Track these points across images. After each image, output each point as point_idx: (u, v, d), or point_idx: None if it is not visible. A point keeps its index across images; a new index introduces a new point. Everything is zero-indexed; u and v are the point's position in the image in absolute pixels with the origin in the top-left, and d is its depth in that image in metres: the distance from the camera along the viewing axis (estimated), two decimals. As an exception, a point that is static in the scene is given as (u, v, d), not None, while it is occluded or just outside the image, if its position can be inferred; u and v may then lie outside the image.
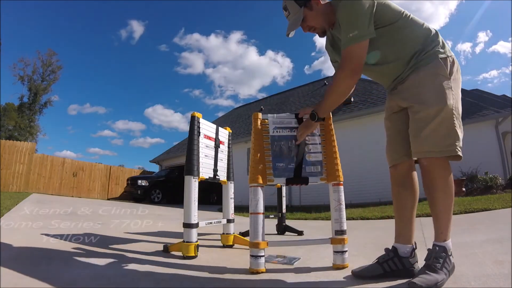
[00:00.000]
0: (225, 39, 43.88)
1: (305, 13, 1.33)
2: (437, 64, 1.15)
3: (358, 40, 1.15)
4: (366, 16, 1.15)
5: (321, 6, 1.32)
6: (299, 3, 1.34)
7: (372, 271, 1.22)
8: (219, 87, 48.04)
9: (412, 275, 1.15)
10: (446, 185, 1.13)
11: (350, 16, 1.18)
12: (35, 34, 33.67)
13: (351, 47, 1.17)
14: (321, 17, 1.32)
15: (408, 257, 1.23)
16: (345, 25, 1.20)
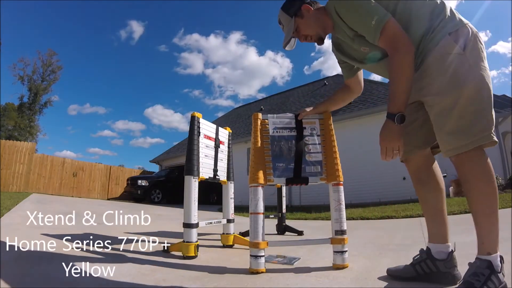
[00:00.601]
0: (224, 40, 43.90)
1: (297, 22, 1.30)
2: (446, 42, 1.01)
3: (383, 21, 1.04)
4: (373, 5, 1.08)
5: (313, 13, 1.29)
6: (289, 13, 1.31)
7: (404, 273, 1.18)
8: (218, 87, 48.02)
9: (447, 280, 1.09)
10: (481, 181, 0.97)
11: (357, 11, 1.11)
12: (35, 34, 33.69)
13: (382, 31, 1.05)
14: (314, 24, 1.28)
15: (443, 259, 1.11)
16: (359, 24, 1.11)
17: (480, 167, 0.98)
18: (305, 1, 1.31)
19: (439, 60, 1.01)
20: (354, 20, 1.13)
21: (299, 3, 1.31)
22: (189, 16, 42.09)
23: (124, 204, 7.81)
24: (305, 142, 1.49)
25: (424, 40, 1.06)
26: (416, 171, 1.20)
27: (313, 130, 1.52)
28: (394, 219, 3.66)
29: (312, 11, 1.29)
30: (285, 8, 1.35)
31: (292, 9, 1.31)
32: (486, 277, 0.91)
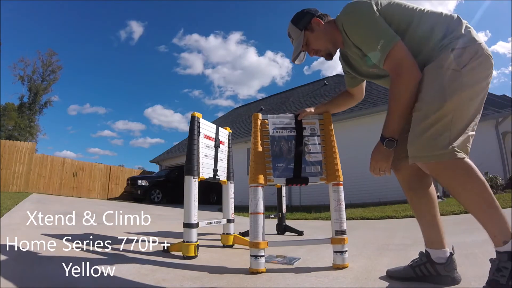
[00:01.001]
0: (224, 40, 43.81)
1: (307, 36, 1.27)
2: (445, 56, 0.99)
3: (389, 45, 1.03)
4: (380, 27, 1.06)
5: (323, 27, 1.25)
6: (299, 27, 1.29)
7: (404, 274, 1.18)
8: (218, 87, 47.95)
9: (447, 282, 1.08)
10: (465, 183, 0.95)
11: (363, 33, 1.09)
12: (35, 34, 33.68)
13: (387, 56, 1.04)
14: (324, 38, 1.25)
15: (443, 263, 1.10)
16: (365, 46, 1.10)
17: (459, 171, 0.96)
18: (316, 14, 1.28)
19: (433, 71, 1.01)
20: (360, 41, 1.12)
21: (309, 17, 1.28)
22: (189, 16, 42.08)
23: (124, 204, 7.82)
24: (305, 142, 1.49)
25: (433, 53, 1.04)
26: (408, 179, 1.18)
27: (313, 130, 1.52)
28: (394, 219, 3.67)
29: (323, 25, 1.26)
30: (294, 21, 1.32)
31: (302, 22, 1.29)
32: (510, 270, 0.85)
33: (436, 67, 1.00)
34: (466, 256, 1.42)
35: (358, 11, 1.11)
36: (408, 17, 1.09)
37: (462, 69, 0.97)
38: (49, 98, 26.04)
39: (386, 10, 1.10)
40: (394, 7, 1.11)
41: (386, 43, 1.03)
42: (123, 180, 12.62)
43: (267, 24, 44.26)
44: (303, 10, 1.33)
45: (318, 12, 1.31)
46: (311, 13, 1.29)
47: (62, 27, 35.32)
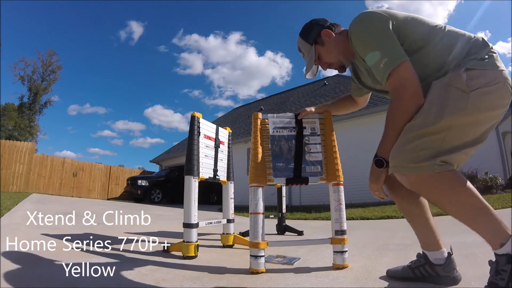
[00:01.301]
0: (224, 40, 43.77)
1: (318, 50, 1.22)
2: (455, 75, 0.93)
3: (393, 65, 0.96)
4: (388, 43, 0.99)
5: (334, 39, 1.18)
6: (309, 41, 1.22)
7: (403, 274, 1.18)
8: (218, 87, 47.97)
9: (447, 282, 1.08)
10: (450, 195, 0.92)
11: (368, 47, 1.02)
12: (35, 34, 33.68)
13: (390, 75, 0.97)
14: (335, 50, 1.18)
15: (442, 264, 1.09)
16: (369, 61, 1.03)
17: (441, 186, 0.91)
18: (325, 26, 1.21)
19: (440, 86, 0.95)
20: (364, 54, 1.05)
21: (318, 29, 1.21)
22: (189, 17, 42.07)
23: (124, 204, 7.82)
24: (305, 142, 1.49)
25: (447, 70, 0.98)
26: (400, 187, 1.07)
27: (313, 130, 1.52)
28: (394, 219, 3.66)
29: (333, 36, 1.19)
30: (303, 35, 1.25)
31: (311, 36, 1.22)
32: (509, 273, 0.83)
33: (444, 83, 0.94)
34: (466, 256, 1.42)
35: (368, 22, 1.05)
36: (426, 35, 1.02)
37: (472, 92, 0.90)
38: (49, 98, 26.07)
39: (401, 25, 1.02)
40: (411, 23, 1.03)
41: (390, 61, 0.97)
42: (123, 180, 12.62)
43: (267, 24, 44.26)
44: (311, 22, 1.26)
45: (327, 22, 1.23)
46: (320, 24, 1.22)
47: (62, 27, 35.37)
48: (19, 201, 4.89)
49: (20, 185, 9.47)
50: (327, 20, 1.24)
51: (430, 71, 0.99)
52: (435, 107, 0.93)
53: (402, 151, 0.94)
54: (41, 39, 34.70)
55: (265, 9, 41.51)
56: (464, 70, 0.92)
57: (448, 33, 1.02)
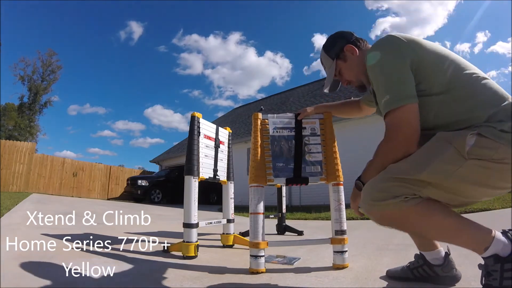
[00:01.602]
0: (224, 40, 43.77)
1: (340, 66, 1.16)
2: (462, 134, 0.83)
3: (396, 104, 0.89)
4: (398, 81, 0.91)
5: (356, 56, 1.12)
6: (331, 55, 1.17)
7: (403, 275, 1.18)
8: (218, 87, 47.93)
9: (447, 282, 1.08)
10: (417, 230, 0.93)
11: (378, 79, 0.96)
12: (35, 34, 33.70)
13: (391, 112, 0.91)
14: (356, 69, 1.12)
15: (440, 265, 1.09)
16: (376, 88, 0.97)
17: (409, 220, 0.89)
18: (350, 40, 1.14)
19: (440, 139, 0.87)
20: (373, 85, 0.99)
21: (341, 43, 1.15)
22: (188, 17, 42.07)
23: (124, 204, 7.82)
24: (305, 142, 1.49)
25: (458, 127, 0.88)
26: None
27: (313, 130, 1.52)
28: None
29: (357, 53, 1.12)
30: (326, 48, 1.20)
31: (334, 50, 1.16)
32: (500, 272, 0.82)
33: (447, 138, 0.86)
34: (466, 256, 1.42)
35: (384, 52, 0.96)
36: (449, 82, 0.90)
37: (470, 160, 0.82)
38: (49, 98, 26.07)
39: (423, 62, 0.92)
40: (435, 63, 0.92)
41: (392, 100, 0.90)
42: (123, 180, 12.63)
43: (267, 25, 44.27)
44: (335, 35, 1.19)
45: (352, 36, 1.16)
46: (345, 39, 1.15)
47: (62, 27, 35.39)
48: (19, 201, 4.89)
49: (20, 185, 9.47)
50: (353, 34, 1.17)
51: (441, 123, 0.91)
52: (423, 158, 0.87)
53: (373, 188, 0.91)
54: (41, 39, 34.81)
55: (264, 9, 41.54)
56: (474, 134, 0.83)
57: (479, 86, 0.90)
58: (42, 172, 10.37)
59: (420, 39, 0.97)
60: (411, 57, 0.92)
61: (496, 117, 0.85)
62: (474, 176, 0.83)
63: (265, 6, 41.27)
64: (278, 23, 43.07)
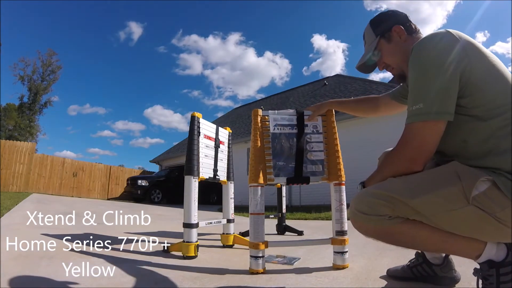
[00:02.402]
0: (223, 41, 43.80)
1: (382, 45, 1.03)
2: (474, 176, 0.76)
3: (422, 117, 0.80)
4: (439, 89, 0.78)
5: (404, 40, 1.00)
6: (376, 31, 1.05)
7: (402, 274, 1.18)
8: (217, 88, 48.00)
9: (446, 283, 1.07)
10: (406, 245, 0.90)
11: (416, 80, 0.84)
12: (35, 34, 33.71)
13: (413, 124, 0.82)
14: (399, 54, 0.99)
15: (439, 264, 1.08)
16: (410, 90, 0.86)
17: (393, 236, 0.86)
18: (400, 22, 1.02)
19: (450, 171, 0.81)
20: (410, 84, 0.88)
21: (391, 22, 1.03)
22: (188, 17, 42.13)
23: (124, 204, 7.81)
24: (306, 140, 1.47)
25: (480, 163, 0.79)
26: None
27: (315, 128, 1.50)
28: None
29: (405, 36, 1.00)
30: (373, 23, 1.08)
31: (381, 27, 1.04)
32: (495, 276, 0.81)
33: (456, 172, 0.79)
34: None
35: (436, 46, 0.82)
36: (496, 108, 0.78)
37: (472, 205, 0.76)
38: (49, 98, 26.08)
39: (475, 75, 0.79)
40: (490, 82, 0.80)
41: (424, 111, 0.79)
42: (123, 180, 12.62)
43: (266, 25, 44.33)
44: (387, 12, 1.08)
45: (406, 19, 1.03)
46: (396, 18, 1.04)
47: (62, 28, 35.48)
48: (19, 201, 4.89)
49: (20, 185, 9.46)
50: (408, 17, 1.04)
51: (465, 152, 0.83)
52: (423, 184, 0.81)
53: (361, 199, 0.88)
54: (41, 39, 34.83)
55: (264, 10, 41.55)
56: (489, 180, 0.75)
57: None
58: (42, 172, 10.36)
59: (480, 45, 0.83)
60: (464, 65, 0.79)
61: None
62: (469, 222, 0.78)
63: (265, 6, 41.31)
64: (278, 23, 43.15)
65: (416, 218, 0.82)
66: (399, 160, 0.87)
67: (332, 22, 44.40)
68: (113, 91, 42.07)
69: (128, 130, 50.85)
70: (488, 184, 0.75)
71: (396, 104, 1.26)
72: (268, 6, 41.69)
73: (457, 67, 0.78)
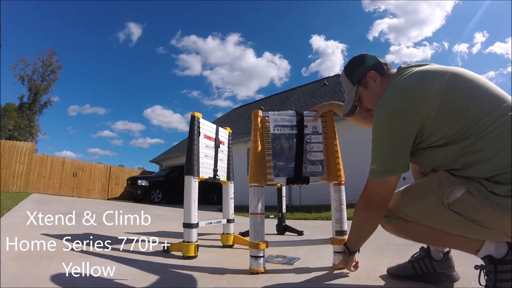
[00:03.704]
0: (222, 41, 43.73)
1: (360, 92, 1.10)
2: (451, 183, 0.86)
3: (375, 176, 0.94)
4: (391, 150, 0.90)
5: (379, 83, 1.06)
6: (352, 80, 1.11)
7: (404, 271, 1.18)
8: (217, 88, 47.91)
9: (443, 281, 1.09)
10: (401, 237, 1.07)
11: (373, 142, 0.95)
12: (35, 34, 33.72)
13: (369, 181, 0.98)
14: (378, 97, 1.02)
15: (439, 260, 1.10)
16: (372, 141, 0.96)
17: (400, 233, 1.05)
18: (374, 67, 1.07)
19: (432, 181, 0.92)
20: (372, 136, 0.97)
21: (364, 70, 1.08)
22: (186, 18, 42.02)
23: (124, 204, 7.81)
24: (306, 141, 1.48)
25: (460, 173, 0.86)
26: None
27: (315, 129, 1.51)
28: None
29: (379, 80, 1.06)
30: (347, 71, 1.14)
31: (355, 75, 1.10)
32: (493, 272, 0.85)
33: (439, 182, 0.89)
34: (467, 256, 1.41)
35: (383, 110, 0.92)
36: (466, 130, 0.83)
37: (450, 210, 0.86)
38: (49, 98, 26.07)
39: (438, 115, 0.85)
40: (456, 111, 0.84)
41: (377, 171, 0.93)
42: (123, 180, 12.62)
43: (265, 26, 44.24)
44: (359, 58, 1.12)
45: (377, 62, 1.09)
46: (369, 65, 1.09)
47: (62, 28, 35.47)
48: (19, 201, 4.89)
49: (20, 185, 9.46)
50: (378, 59, 1.10)
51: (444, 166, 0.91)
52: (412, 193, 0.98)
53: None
54: (41, 39, 34.80)
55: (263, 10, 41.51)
56: (463, 188, 0.84)
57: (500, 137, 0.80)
58: (42, 172, 10.36)
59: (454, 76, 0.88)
60: (423, 115, 0.85)
61: (500, 178, 0.78)
62: (451, 224, 0.89)
63: (263, 7, 41.26)
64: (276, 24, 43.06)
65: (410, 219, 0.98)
66: (358, 210, 1.04)
67: (331, 22, 44.31)
68: (113, 91, 42.08)
69: (128, 130, 50.83)
70: (463, 190, 0.84)
71: None
72: (266, 7, 41.64)
73: (411, 121, 0.86)
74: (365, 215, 1.03)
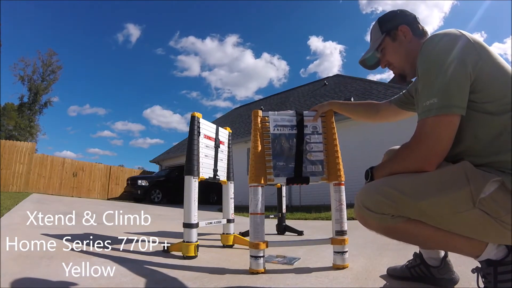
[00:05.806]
0: (220, 42, 43.84)
1: (386, 43, 1.04)
2: (483, 177, 0.75)
3: (437, 112, 0.78)
4: (452, 83, 0.77)
5: (409, 40, 1.00)
6: (382, 28, 1.05)
7: (401, 273, 1.18)
8: (216, 89, 48.03)
9: (443, 284, 1.07)
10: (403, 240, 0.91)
11: (429, 75, 0.82)
12: (35, 34, 33.75)
13: (427, 119, 0.80)
14: (403, 54, 0.99)
15: (437, 266, 1.08)
16: (422, 86, 0.85)
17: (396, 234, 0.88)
18: (407, 22, 1.02)
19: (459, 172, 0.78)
20: (420, 80, 0.86)
21: (397, 21, 1.02)
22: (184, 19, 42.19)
23: (124, 204, 7.81)
24: (306, 141, 1.48)
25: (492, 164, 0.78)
26: None
27: (314, 129, 1.51)
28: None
29: (410, 37, 1.00)
30: (381, 21, 1.08)
31: (387, 25, 1.04)
32: (493, 275, 0.82)
33: (466, 173, 0.77)
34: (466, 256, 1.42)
35: (447, 44, 0.82)
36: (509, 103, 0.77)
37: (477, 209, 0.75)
38: (49, 98, 26.06)
39: (489, 66, 0.80)
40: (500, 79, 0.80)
41: (438, 105, 0.78)
42: (123, 180, 12.62)
43: (263, 27, 44.40)
44: (396, 11, 1.07)
45: (414, 20, 1.03)
46: (403, 18, 1.03)
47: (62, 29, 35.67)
48: (19, 201, 4.89)
49: (20, 185, 9.46)
50: (417, 20, 1.03)
51: (475, 150, 0.81)
52: (432, 185, 0.79)
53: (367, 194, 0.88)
54: (41, 39, 34.84)
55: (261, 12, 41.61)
56: (498, 181, 0.74)
57: None
58: (42, 172, 10.36)
59: (487, 45, 0.83)
60: (475, 60, 0.79)
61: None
62: (472, 224, 0.78)
63: (262, 8, 41.39)
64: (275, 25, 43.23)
65: (419, 219, 0.82)
66: (412, 159, 0.84)
67: (329, 24, 44.50)
68: (113, 92, 42.21)
69: (127, 131, 50.98)
70: (496, 185, 0.74)
71: (396, 109, 1.27)
72: (264, 8, 41.80)
73: (468, 62, 0.78)
74: (419, 167, 0.82)
